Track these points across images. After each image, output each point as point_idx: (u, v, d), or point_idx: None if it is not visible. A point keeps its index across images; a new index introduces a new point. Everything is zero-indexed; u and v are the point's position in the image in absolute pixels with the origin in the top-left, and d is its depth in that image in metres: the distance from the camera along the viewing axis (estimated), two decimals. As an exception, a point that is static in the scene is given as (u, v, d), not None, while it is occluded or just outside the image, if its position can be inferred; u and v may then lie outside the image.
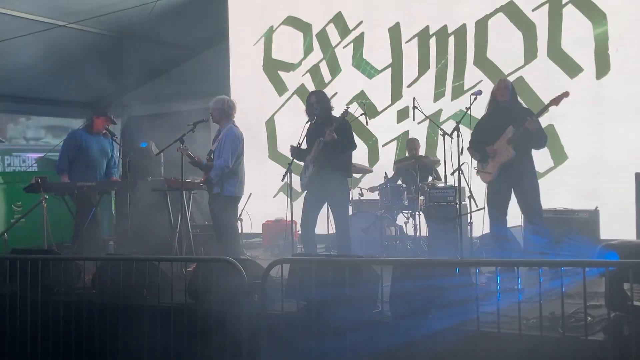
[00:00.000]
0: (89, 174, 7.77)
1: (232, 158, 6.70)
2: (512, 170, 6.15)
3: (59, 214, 7.67)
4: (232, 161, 6.69)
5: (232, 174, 6.74)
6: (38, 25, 9.60)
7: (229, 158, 6.66)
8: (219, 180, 6.72)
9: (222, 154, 6.69)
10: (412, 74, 9.60)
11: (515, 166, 6.13)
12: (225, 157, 6.66)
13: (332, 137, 6.29)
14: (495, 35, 8.99)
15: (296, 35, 10.62)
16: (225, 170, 6.67)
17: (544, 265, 4.52)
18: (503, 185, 6.24)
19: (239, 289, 4.66)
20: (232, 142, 6.73)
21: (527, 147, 6.18)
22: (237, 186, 6.83)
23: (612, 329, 3.85)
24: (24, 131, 13.57)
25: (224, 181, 6.72)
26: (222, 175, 6.69)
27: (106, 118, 8.03)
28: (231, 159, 6.68)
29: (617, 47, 8.13)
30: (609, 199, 7.58)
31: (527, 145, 6.17)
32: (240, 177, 6.85)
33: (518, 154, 6.12)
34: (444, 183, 7.85)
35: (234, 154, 6.72)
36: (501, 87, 6.35)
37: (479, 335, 4.03)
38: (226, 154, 6.66)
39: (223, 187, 6.74)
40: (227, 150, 6.68)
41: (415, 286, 4.42)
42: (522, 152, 6.15)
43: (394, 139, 9.69)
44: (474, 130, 6.55)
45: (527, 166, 6.20)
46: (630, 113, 7.93)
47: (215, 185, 6.77)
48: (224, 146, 6.72)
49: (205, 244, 7.76)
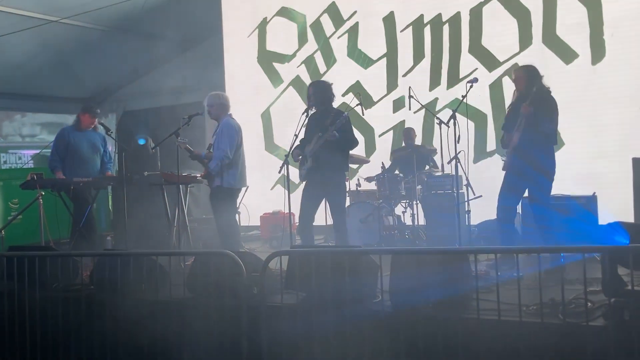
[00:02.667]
0: (81, 170, 7.74)
1: (231, 148, 6.67)
2: (521, 156, 6.05)
3: (55, 211, 7.65)
4: (231, 152, 6.67)
5: (232, 166, 6.72)
6: (31, 21, 9.54)
7: (227, 148, 6.65)
8: (218, 172, 6.70)
9: (220, 145, 6.68)
10: (408, 63, 9.58)
11: (523, 152, 6.04)
12: (223, 148, 6.65)
13: (334, 136, 6.26)
14: (489, 22, 8.97)
15: (290, 26, 10.58)
16: (225, 160, 6.66)
17: (543, 252, 4.51)
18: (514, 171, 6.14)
19: (238, 282, 4.65)
20: (228, 133, 6.72)
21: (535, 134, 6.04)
22: (237, 178, 6.81)
23: (613, 315, 3.85)
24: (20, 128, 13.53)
25: (224, 173, 6.70)
26: (222, 166, 6.67)
27: (89, 114, 7.98)
28: (230, 150, 6.66)
29: (612, 33, 8.12)
30: (607, 185, 7.58)
31: (532, 131, 6.04)
32: (240, 169, 6.83)
33: (525, 141, 6.01)
34: (441, 172, 7.86)
35: (232, 145, 6.70)
36: (516, 76, 6.26)
37: (479, 323, 4.02)
38: (224, 145, 6.66)
39: (223, 179, 6.72)
40: (224, 142, 6.67)
41: (414, 275, 4.42)
42: (530, 138, 6.04)
43: (391, 128, 9.67)
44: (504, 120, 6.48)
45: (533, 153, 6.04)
46: (626, 98, 7.92)
47: (216, 177, 6.76)
48: (221, 137, 6.71)
49: (203, 238, 7.74)
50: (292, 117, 6.86)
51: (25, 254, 5.56)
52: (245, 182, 7.01)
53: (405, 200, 8.23)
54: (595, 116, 8.19)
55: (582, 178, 7.83)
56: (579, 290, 4.10)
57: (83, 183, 7.53)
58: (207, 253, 5.89)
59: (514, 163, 6.11)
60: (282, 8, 10.65)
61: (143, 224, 7.95)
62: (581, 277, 3.87)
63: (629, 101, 7.89)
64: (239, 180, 6.84)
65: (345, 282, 4.41)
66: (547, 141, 6.10)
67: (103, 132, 8.06)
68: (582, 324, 3.89)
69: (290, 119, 6.88)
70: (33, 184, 7.30)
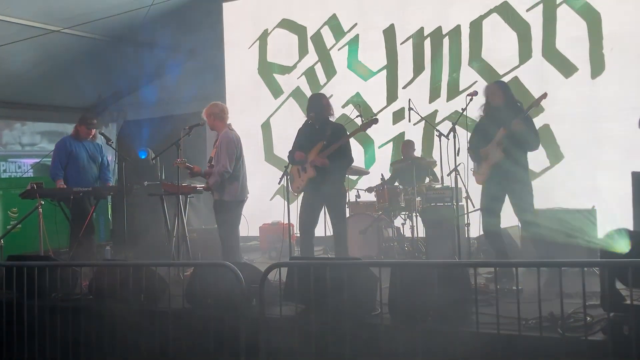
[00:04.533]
0: (80, 180, 7.74)
1: (231, 162, 6.69)
2: (503, 171, 6.15)
3: (55, 220, 7.64)
4: (230, 165, 6.68)
5: (233, 179, 6.73)
6: (32, 30, 9.57)
7: (227, 163, 6.65)
8: (219, 187, 6.71)
9: (220, 159, 6.69)
10: (408, 75, 9.61)
11: (505, 168, 6.13)
12: (223, 163, 6.65)
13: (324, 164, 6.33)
14: (489, 35, 9.00)
15: (291, 38, 10.62)
16: (225, 175, 6.66)
17: (542, 265, 4.51)
18: (495, 186, 6.25)
19: (237, 293, 4.64)
20: (227, 146, 6.72)
21: (518, 148, 6.16)
22: (239, 190, 6.81)
23: (612, 329, 3.84)
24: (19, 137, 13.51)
25: (225, 186, 6.71)
26: (223, 180, 6.68)
27: (85, 126, 7.96)
28: (229, 164, 6.67)
29: (612, 47, 8.15)
30: (606, 198, 7.58)
31: (517, 147, 6.15)
32: (240, 181, 6.83)
33: (508, 155, 6.11)
34: (441, 184, 7.86)
35: (231, 158, 6.70)
36: (492, 91, 6.35)
37: (478, 337, 4.02)
38: (224, 159, 6.65)
39: (224, 193, 6.73)
40: (224, 156, 6.67)
41: (413, 288, 4.42)
42: (513, 153, 6.14)
43: (390, 140, 9.69)
44: (472, 133, 6.56)
45: (518, 168, 6.17)
46: (625, 112, 7.92)
47: (216, 191, 6.76)
48: (221, 151, 6.71)
49: (203, 249, 7.73)
50: (292, 128, 6.87)
51: (24, 264, 5.56)
52: (247, 193, 7.01)
53: (404, 212, 8.22)
54: (594, 130, 8.22)
55: (582, 191, 7.84)
56: (578, 304, 4.09)
57: (83, 193, 7.52)
58: (206, 264, 5.88)
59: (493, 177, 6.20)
60: (283, 20, 10.69)
61: (142, 234, 7.95)
62: (580, 291, 3.86)
63: (628, 115, 7.88)
64: (240, 192, 6.84)
65: (344, 295, 4.41)
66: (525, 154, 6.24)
67: (102, 142, 8.07)
68: (581, 339, 3.88)
69: (290, 130, 6.88)
70: (33, 194, 7.29)
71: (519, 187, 6.17)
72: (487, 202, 6.33)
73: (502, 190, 6.24)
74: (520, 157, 6.19)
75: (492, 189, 6.28)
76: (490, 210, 6.29)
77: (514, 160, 6.15)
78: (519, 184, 6.17)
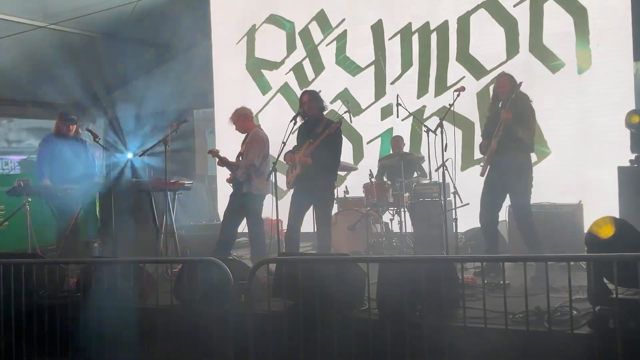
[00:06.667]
0: (65, 177, 7.68)
1: (259, 158, 6.88)
2: (500, 164, 6.14)
3: (42, 217, 7.60)
4: (258, 161, 6.85)
5: (259, 173, 6.90)
6: (18, 26, 9.51)
7: (255, 157, 6.86)
8: (246, 179, 6.85)
9: (249, 154, 6.92)
10: (396, 71, 9.62)
11: (503, 161, 6.12)
12: (251, 157, 6.88)
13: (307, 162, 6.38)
14: (477, 31, 9.03)
15: (279, 33, 10.61)
16: (251, 168, 6.84)
17: (529, 260, 4.54)
18: (493, 179, 6.25)
19: (225, 289, 4.64)
20: (258, 143, 6.94)
21: (514, 140, 6.13)
22: (265, 185, 6.98)
23: (598, 323, 3.87)
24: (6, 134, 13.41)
25: (252, 180, 6.88)
26: (249, 174, 6.82)
27: (62, 121, 7.88)
28: (257, 159, 6.86)
29: (599, 42, 8.19)
30: (593, 193, 7.63)
31: (512, 139, 6.12)
32: (266, 176, 6.93)
33: (504, 147, 6.10)
34: (429, 179, 7.87)
35: (260, 154, 6.92)
36: (501, 83, 6.34)
37: (465, 331, 4.04)
38: (252, 154, 6.88)
39: (251, 186, 6.88)
40: (253, 151, 6.90)
41: (402, 283, 4.43)
42: (510, 146, 6.13)
43: (378, 136, 9.70)
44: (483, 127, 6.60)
45: (515, 161, 6.14)
46: (612, 107, 7.98)
47: (243, 184, 6.87)
48: (251, 147, 6.94)
49: (191, 245, 7.72)
50: (281, 124, 6.87)
51: (11, 261, 5.52)
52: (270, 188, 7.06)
53: (393, 207, 8.24)
54: (581, 125, 8.26)
55: (568, 186, 7.89)
56: (564, 298, 4.12)
57: (69, 189, 7.47)
58: (194, 260, 5.87)
59: (492, 169, 6.21)
60: (270, 15, 10.67)
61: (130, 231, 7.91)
62: (567, 285, 3.89)
63: (614, 110, 7.94)
64: (266, 186, 6.98)
65: (333, 290, 4.41)
66: (525, 147, 6.20)
67: (88, 138, 8.01)
68: (567, 332, 3.91)
69: (278, 126, 6.89)
70: (20, 191, 7.25)
71: (515, 181, 6.15)
72: (484, 193, 6.34)
73: (499, 183, 6.23)
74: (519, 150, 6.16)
75: (490, 182, 6.29)
76: (487, 202, 6.30)
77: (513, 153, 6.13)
78: (515, 178, 6.14)
